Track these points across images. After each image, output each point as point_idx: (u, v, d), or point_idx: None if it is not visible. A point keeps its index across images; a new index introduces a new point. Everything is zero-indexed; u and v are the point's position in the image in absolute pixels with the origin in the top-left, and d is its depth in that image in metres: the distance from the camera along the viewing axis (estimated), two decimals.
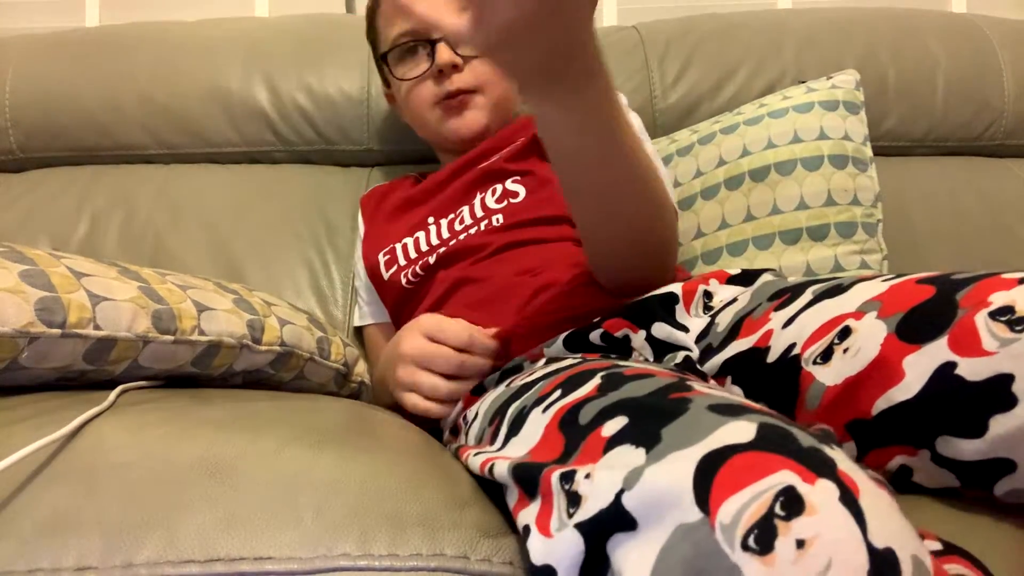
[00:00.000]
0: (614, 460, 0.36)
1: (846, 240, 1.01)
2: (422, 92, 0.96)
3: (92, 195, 1.19)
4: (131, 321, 0.64)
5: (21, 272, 0.61)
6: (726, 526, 0.31)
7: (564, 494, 0.38)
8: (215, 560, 0.39)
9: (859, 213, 1.03)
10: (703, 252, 1.07)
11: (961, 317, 0.45)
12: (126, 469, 0.47)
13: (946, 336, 0.45)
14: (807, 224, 1.01)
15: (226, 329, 0.71)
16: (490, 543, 0.41)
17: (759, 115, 1.08)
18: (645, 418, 0.38)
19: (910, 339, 0.47)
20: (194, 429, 0.54)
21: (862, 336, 0.50)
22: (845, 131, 1.05)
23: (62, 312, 0.60)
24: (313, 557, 0.39)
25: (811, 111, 1.06)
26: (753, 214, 1.04)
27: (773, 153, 1.04)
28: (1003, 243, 1.16)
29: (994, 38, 1.27)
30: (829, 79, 1.10)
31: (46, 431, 0.49)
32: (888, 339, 0.48)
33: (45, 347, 0.60)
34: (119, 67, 1.23)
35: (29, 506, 0.43)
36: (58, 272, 0.63)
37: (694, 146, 1.12)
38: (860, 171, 1.04)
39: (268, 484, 0.45)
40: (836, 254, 1.01)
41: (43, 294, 0.60)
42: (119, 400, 0.60)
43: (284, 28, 1.29)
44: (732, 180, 1.06)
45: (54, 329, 0.59)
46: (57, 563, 0.40)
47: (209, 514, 0.42)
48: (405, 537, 0.40)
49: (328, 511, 0.42)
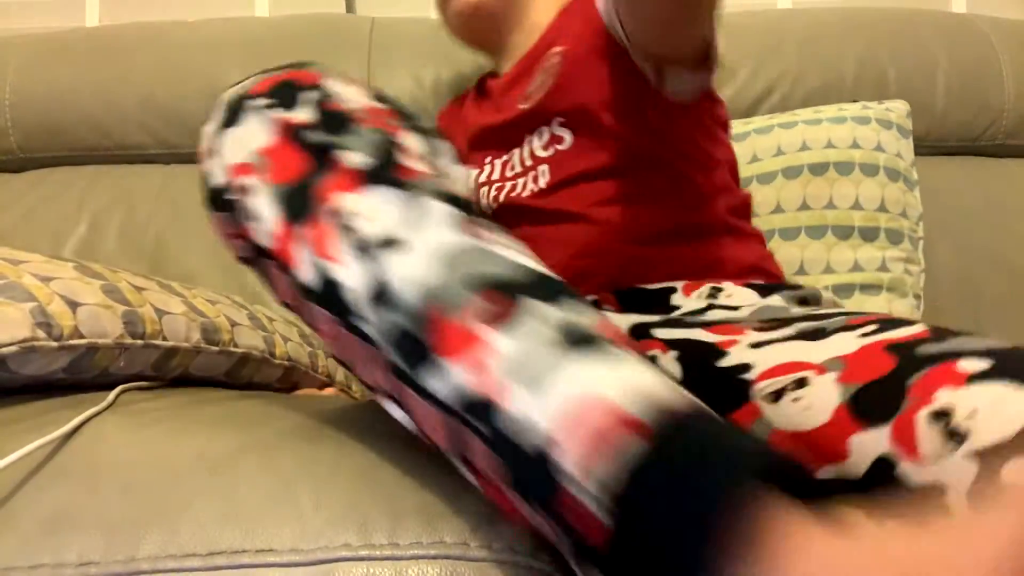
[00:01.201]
0: None
1: (894, 246, 1.05)
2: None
3: (92, 195, 1.19)
4: (187, 332, 0.72)
5: (103, 287, 0.69)
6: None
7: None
8: (216, 553, 0.39)
9: (907, 226, 1.07)
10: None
11: (904, 410, 0.42)
12: (126, 466, 0.47)
13: (890, 426, 0.42)
14: (859, 224, 1.05)
15: (252, 343, 0.79)
16: (489, 530, 0.41)
17: (817, 118, 1.11)
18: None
19: (859, 415, 0.44)
20: (193, 426, 0.54)
21: (816, 395, 0.47)
22: (898, 151, 1.10)
23: (141, 325, 0.68)
24: (314, 549, 0.39)
25: (868, 124, 1.10)
26: (808, 204, 1.07)
27: (835, 153, 1.08)
28: (1003, 243, 1.17)
29: (994, 38, 1.27)
30: (882, 103, 1.14)
31: (46, 430, 0.49)
32: (839, 410, 0.45)
33: (132, 356, 0.68)
34: (119, 67, 1.23)
35: (30, 503, 0.43)
36: (126, 287, 0.71)
37: (750, 134, 1.14)
38: (909, 189, 1.10)
39: (268, 478, 0.45)
40: (884, 256, 1.04)
41: (124, 308, 0.68)
42: (118, 399, 0.60)
43: (284, 28, 1.29)
44: (790, 170, 1.09)
45: (138, 340, 0.68)
46: (59, 559, 0.40)
47: (210, 508, 0.42)
48: (405, 527, 0.41)
49: (328, 503, 0.42)
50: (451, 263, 0.41)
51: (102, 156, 1.24)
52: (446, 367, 0.38)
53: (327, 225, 0.45)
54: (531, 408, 0.35)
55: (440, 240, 0.42)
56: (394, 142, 0.49)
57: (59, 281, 0.67)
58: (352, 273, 0.43)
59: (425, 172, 0.48)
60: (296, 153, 0.48)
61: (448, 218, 0.44)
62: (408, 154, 0.49)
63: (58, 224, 1.16)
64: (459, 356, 0.38)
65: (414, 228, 0.43)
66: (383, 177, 0.46)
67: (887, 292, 1.03)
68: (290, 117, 0.50)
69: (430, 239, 0.42)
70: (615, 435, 0.33)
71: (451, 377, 0.38)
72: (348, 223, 0.44)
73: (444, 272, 0.41)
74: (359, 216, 0.44)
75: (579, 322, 0.38)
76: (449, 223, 0.43)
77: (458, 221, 0.44)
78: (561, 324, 0.38)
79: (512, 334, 0.37)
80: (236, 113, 0.53)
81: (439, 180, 0.48)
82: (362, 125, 0.50)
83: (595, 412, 0.34)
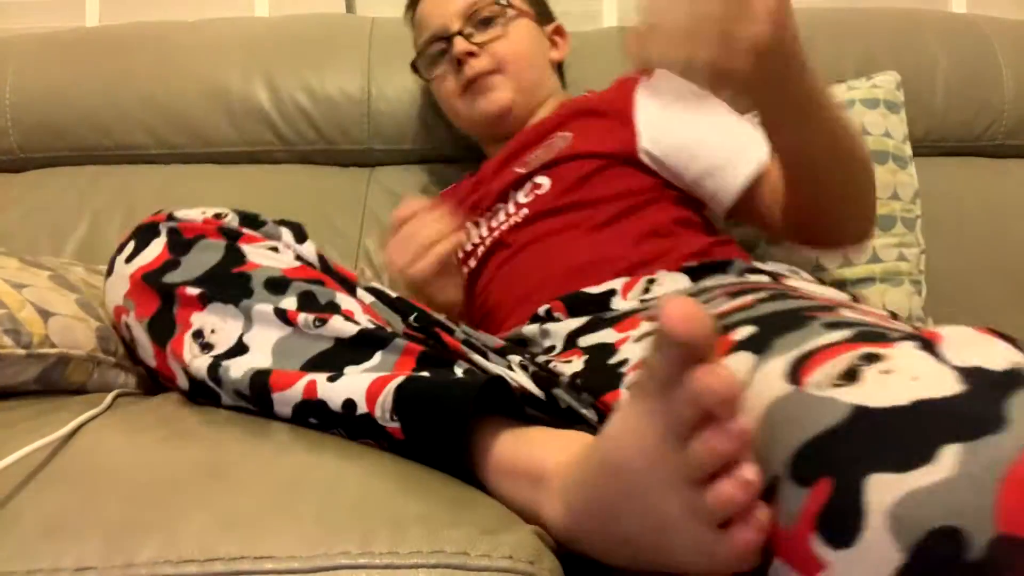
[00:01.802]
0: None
1: (885, 233, 1.04)
2: (447, 85, 1.02)
3: (92, 195, 1.19)
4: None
5: (77, 300, 0.70)
6: (816, 383, 0.35)
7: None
8: (215, 560, 0.39)
9: (898, 208, 1.05)
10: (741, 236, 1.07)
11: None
12: (125, 471, 0.47)
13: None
14: None
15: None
16: (489, 540, 0.41)
17: None
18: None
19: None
20: (192, 431, 0.54)
21: None
22: (886, 129, 1.08)
23: (115, 344, 0.71)
24: (313, 556, 0.39)
25: (852, 108, 1.08)
26: None
27: None
28: (1003, 244, 1.16)
29: (994, 38, 1.26)
30: (869, 79, 1.12)
31: (42, 433, 0.49)
32: None
33: (103, 372, 0.70)
34: (119, 67, 1.23)
35: (27, 507, 0.43)
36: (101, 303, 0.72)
37: None
38: (900, 168, 1.07)
39: (267, 484, 0.45)
40: (875, 246, 1.03)
41: (98, 324, 0.70)
42: (114, 403, 0.61)
43: (284, 28, 1.29)
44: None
45: (110, 357, 0.70)
46: (57, 564, 0.40)
47: (209, 514, 0.42)
48: (405, 536, 0.41)
49: (328, 511, 0.42)
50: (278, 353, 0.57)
51: (102, 156, 1.23)
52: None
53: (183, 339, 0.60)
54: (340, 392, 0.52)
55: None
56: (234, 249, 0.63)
57: (32, 289, 0.67)
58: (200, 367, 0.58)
59: (262, 265, 0.62)
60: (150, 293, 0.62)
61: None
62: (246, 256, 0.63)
63: (58, 224, 1.16)
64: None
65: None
66: (216, 296, 0.60)
67: (880, 283, 1.02)
68: (142, 263, 0.63)
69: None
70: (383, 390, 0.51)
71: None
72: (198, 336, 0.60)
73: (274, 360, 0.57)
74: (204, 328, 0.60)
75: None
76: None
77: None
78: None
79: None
80: (111, 266, 0.66)
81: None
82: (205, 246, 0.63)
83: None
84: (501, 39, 0.98)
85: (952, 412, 0.31)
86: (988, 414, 0.30)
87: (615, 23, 1.56)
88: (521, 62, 0.99)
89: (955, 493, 0.29)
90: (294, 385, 0.54)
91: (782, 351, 0.39)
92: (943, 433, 0.30)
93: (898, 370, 0.34)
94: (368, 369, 0.54)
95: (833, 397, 0.34)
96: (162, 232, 0.65)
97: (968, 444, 0.30)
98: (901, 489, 0.30)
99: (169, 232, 0.64)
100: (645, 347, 0.54)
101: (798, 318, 0.43)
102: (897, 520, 0.30)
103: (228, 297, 0.59)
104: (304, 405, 0.53)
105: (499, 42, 0.98)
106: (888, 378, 0.33)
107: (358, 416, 0.51)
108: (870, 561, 0.30)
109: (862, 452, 0.32)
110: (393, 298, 0.66)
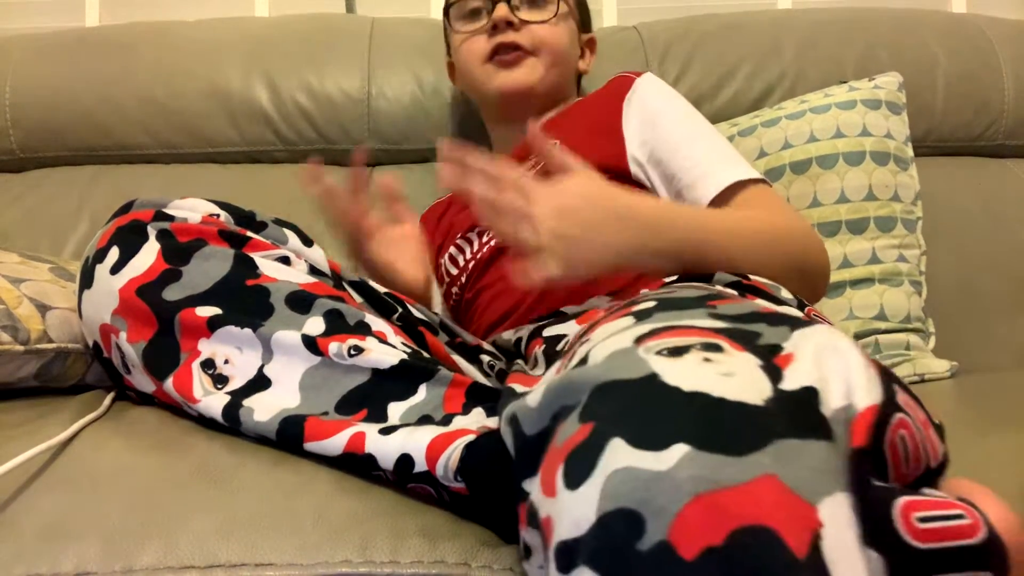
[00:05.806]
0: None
1: (885, 234, 1.04)
2: (474, 45, 0.98)
3: (92, 195, 1.19)
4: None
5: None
6: (650, 347, 0.36)
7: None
8: (215, 566, 0.39)
9: (899, 209, 1.05)
10: None
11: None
12: (125, 475, 0.47)
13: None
14: (846, 217, 1.04)
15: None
16: (490, 551, 0.41)
17: (801, 110, 1.10)
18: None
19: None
20: (192, 437, 0.54)
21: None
22: (888, 130, 1.08)
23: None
24: (314, 564, 0.39)
25: (854, 108, 1.08)
26: (792, 204, 1.05)
27: (815, 147, 1.06)
28: (1003, 244, 1.16)
29: (994, 38, 1.26)
30: (871, 80, 1.12)
31: (42, 436, 0.49)
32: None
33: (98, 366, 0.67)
34: (119, 67, 1.23)
35: (27, 511, 0.43)
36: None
37: (734, 138, 1.13)
38: (901, 169, 1.07)
39: (268, 491, 0.45)
40: (874, 247, 1.03)
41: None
42: (113, 405, 0.60)
43: (284, 28, 1.29)
44: (772, 172, 1.07)
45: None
46: (56, 567, 0.40)
47: (209, 520, 0.42)
48: (406, 545, 0.41)
49: (329, 518, 0.42)
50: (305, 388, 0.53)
51: (102, 156, 1.23)
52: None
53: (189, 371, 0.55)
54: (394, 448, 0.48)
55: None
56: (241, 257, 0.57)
57: (31, 283, 0.66)
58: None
59: (279, 279, 0.57)
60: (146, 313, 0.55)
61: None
62: (257, 265, 0.57)
63: (58, 224, 1.16)
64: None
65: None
66: (230, 319, 0.54)
67: (879, 284, 1.02)
68: (133, 275, 0.56)
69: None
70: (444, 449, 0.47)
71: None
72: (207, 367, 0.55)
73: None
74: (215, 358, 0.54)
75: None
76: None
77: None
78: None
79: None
80: (90, 275, 0.58)
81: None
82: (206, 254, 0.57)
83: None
84: (545, 25, 0.97)
85: (710, 416, 0.32)
86: (744, 435, 0.32)
87: (615, 23, 1.57)
88: (557, 55, 0.98)
89: (656, 486, 0.31)
90: (335, 436, 0.49)
91: (655, 322, 0.41)
92: (686, 430, 0.32)
93: (720, 363, 0.35)
94: (414, 406, 0.51)
95: (644, 359, 0.35)
96: (151, 235, 0.56)
97: (697, 452, 0.31)
98: (626, 461, 0.32)
99: (161, 235, 0.56)
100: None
101: (693, 302, 0.45)
102: (608, 486, 0.32)
103: (243, 321, 0.53)
104: (347, 458, 0.49)
105: (542, 27, 0.97)
106: (702, 365, 0.35)
107: (414, 474, 0.47)
108: (577, 512, 0.32)
109: (623, 414, 0.34)
110: (380, 294, 0.64)
